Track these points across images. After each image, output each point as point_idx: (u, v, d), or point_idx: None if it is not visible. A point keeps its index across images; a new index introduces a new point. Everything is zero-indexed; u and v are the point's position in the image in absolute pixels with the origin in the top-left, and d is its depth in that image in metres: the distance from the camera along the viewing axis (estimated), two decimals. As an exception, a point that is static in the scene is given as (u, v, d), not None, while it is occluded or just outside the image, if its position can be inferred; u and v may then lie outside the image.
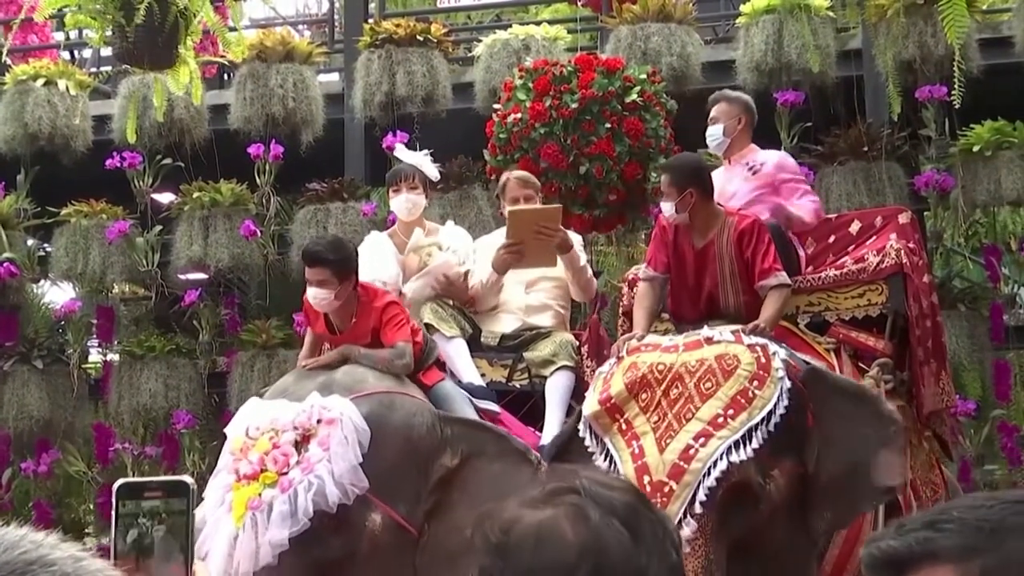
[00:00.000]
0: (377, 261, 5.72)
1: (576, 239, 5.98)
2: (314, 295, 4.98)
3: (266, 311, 9.66)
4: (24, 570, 1.21)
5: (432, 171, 6.19)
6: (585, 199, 6.89)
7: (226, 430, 4.75)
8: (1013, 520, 1.33)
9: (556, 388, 5.48)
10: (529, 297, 5.87)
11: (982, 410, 8.90)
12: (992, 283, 9.01)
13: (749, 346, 4.64)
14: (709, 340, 4.72)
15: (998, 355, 8.72)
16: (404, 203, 5.97)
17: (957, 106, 5.09)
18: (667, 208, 5.25)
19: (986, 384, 9.42)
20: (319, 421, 4.50)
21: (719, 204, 5.46)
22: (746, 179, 5.98)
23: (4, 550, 1.22)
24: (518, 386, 5.60)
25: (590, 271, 5.94)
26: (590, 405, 4.73)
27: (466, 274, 5.84)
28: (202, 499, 4.52)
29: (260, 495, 4.35)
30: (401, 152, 6.38)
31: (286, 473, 4.39)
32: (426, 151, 6.27)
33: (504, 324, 5.79)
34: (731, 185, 6.00)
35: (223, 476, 4.56)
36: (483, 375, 5.56)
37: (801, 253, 5.86)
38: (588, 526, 1.54)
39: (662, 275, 5.36)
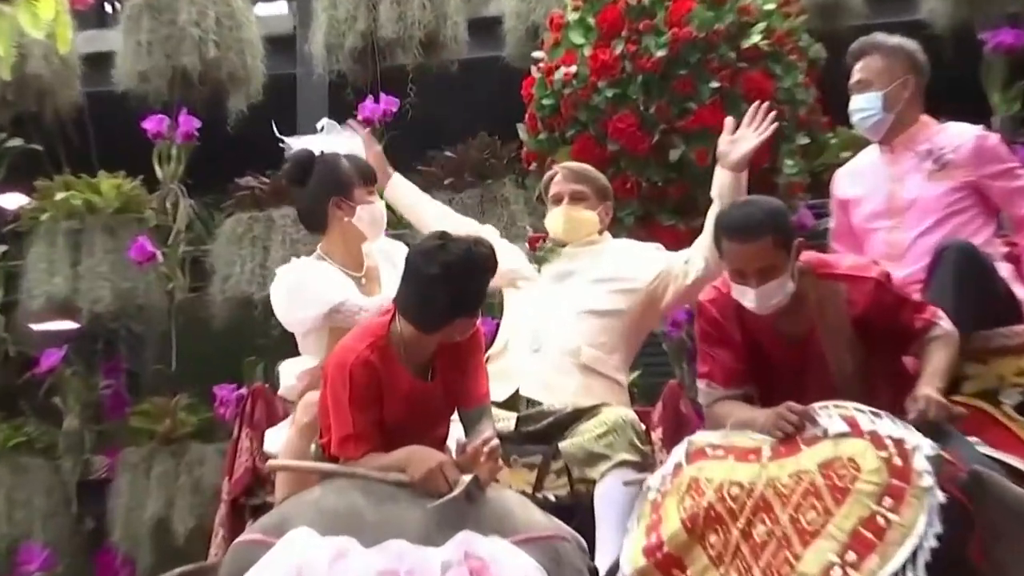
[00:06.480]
0: (338, 285, 4.70)
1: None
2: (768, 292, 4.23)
3: (171, 382, 8.18)
4: None
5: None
6: (679, 202, 5.84)
7: None
8: None
9: (611, 502, 4.61)
10: (541, 360, 4.96)
11: None
12: None
13: (873, 439, 3.80)
14: (808, 438, 3.94)
15: None
16: (382, 213, 4.93)
17: None
18: (761, 296, 4.27)
19: None
20: None
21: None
22: (930, 176, 5.04)
23: None
24: (553, 499, 4.73)
25: None
26: (631, 557, 3.95)
27: None
28: None
29: None
30: (302, 140, 4.96)
31: None
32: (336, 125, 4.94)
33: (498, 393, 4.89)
34: (903, 187, 5.09)
35: None
36: None
37: (1021, 292, 4.95)
38: None
39: (740, 391, 4.48)
